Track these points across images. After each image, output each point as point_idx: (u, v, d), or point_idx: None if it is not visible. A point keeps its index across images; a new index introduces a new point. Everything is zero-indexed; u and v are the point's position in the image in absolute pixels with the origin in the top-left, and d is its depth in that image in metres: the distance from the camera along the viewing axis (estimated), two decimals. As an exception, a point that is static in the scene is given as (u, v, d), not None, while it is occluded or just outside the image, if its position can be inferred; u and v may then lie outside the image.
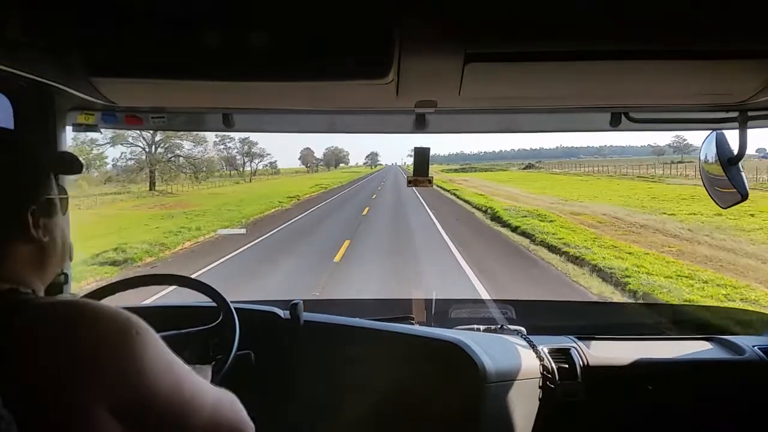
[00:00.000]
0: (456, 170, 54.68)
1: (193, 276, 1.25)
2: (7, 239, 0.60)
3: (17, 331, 0.52)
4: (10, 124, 1.05)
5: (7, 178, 0.60)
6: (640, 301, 5.95)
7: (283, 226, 13.41)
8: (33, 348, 0.51)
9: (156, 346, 0.57)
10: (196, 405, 0.59)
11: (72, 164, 0.71)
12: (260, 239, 11.09)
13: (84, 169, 0.81)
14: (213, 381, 0.97)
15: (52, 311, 0.54)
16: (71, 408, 0.50)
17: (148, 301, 2.63)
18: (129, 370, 0.53)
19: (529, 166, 53.99)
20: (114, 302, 1.13)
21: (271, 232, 12.12)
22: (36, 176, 0.64)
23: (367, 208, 16.69)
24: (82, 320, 0.54)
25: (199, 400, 0.60)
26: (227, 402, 0.66)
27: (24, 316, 0.53)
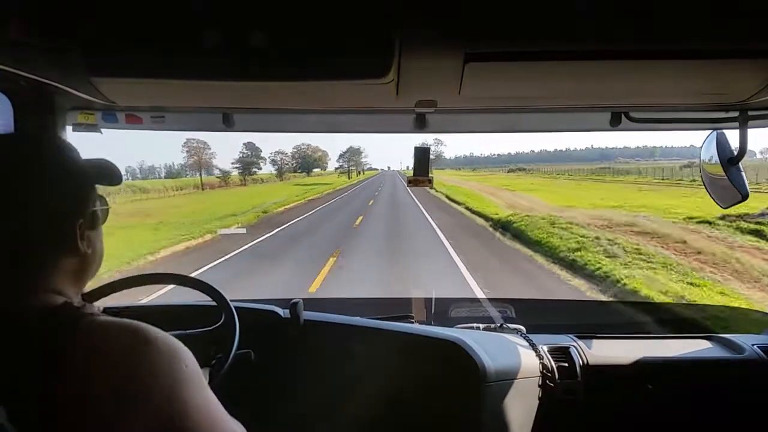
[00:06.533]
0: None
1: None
2: (58, 252, 0.61)
3: (79, 347, 0.53)
4: (10, 124, 1.05)
5: (59, 191, 0.61)
6: (640, 300, 5.93)
7: None
8: (91, 365, 0.52)
9: (199, 379, 0.58)
10: None
11: (113, 175, 0.69)
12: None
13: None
14: (213, 380, 0.98)
15: (113, 332, 0.55)
16: (112, 428, 0.51)
17: (146, 300, 2.61)
18: (174, 400, 0.54)
19: None
20: (113, 301, 1.15)
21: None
22: (84, 189, 0.64)
23: None
24: (139, 345, 0.55)
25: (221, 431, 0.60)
26: None
27: (85, 334, 0.54)
